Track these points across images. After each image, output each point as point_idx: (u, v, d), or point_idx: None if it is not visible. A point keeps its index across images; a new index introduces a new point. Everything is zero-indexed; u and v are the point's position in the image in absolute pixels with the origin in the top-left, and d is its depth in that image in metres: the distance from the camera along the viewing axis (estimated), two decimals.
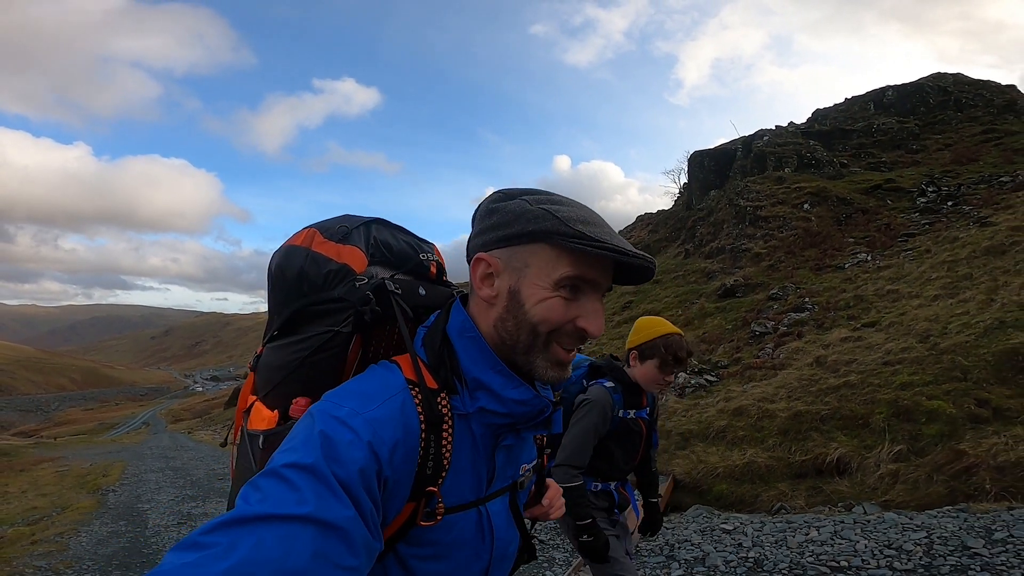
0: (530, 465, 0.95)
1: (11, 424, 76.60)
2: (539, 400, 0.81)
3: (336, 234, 0.94)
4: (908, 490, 4.32)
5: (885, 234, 16.15)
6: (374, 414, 0.72)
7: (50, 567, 5.18)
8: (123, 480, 11.46)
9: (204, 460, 15.46)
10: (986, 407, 4.99)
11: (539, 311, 0.77)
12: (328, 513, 0.61)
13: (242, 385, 1.05)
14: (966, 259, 10.40)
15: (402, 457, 0.72)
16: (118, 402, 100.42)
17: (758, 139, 27.29)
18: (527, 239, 0.77)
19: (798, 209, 19.40)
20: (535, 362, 0.79)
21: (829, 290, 11.88)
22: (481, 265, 0.81)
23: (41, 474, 15.59)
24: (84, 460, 18.32)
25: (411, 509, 0.75)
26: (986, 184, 18.30)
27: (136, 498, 8.92)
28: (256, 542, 0.57)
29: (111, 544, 5.95)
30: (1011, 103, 28.51)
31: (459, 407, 0.80)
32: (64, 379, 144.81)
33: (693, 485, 5.71)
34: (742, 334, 11.15)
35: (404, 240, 1.03)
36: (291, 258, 0.93)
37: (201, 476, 11.46)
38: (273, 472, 0.64)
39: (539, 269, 0.77)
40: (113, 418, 69.54)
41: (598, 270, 0.77)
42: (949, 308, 7.70)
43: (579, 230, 0.74)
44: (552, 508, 1.09)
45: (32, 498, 10.72)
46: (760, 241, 18.11)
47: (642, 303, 18.70)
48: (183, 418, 61.84)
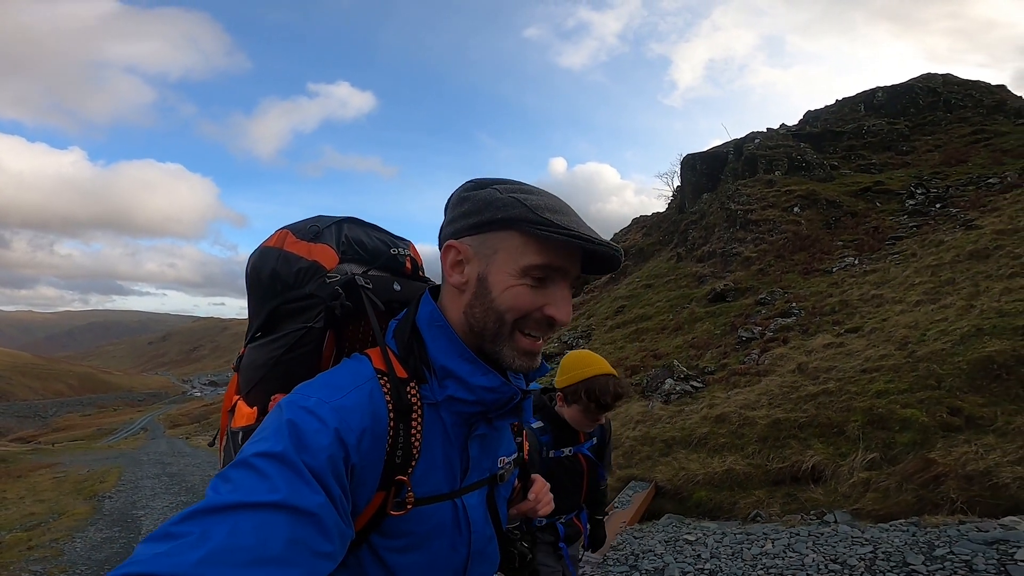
0: (510, 458, 0.95)
1: (9, 430, 76.34)
2: (508, 387, 0.81)
3: (307, 233, 0.97)
4: (878, 499, 4.44)
5: (873, 237, 16.29)
6: (341, 402, 0.73)
7: (45, 572, 5.32)
8: (119, 486, 11.55)
9: (200, 466, 15.55)
10: (959, 415, 5.11)
11: (506, 298, 0.78)
12: (300, 500, 0.61)
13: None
14: (950, 263, 10.54)
15: (370, 445, 0.73)
16: (116, 408, 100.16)
17: (749, 142, 27.46)
18: (496, 226, 0.78)
19: (788, 212, 19.51)
20: (502, 350, 0.80)
21: (816, 295, 12.02)
22: (451, 252, 0.82)
23: (39, 480, 15.65)
24: (82, 466, 18.38)
25: (381, 498, 0.76)
26: (974, 186, 18.43)
27: (131, 504, 9.03)
28: (230, 530, 0.57)
29: (104, 549, 6.10)
30: (1000, 103, 28.65)
31: (428, 396, 0.81)
32: (62, 385, 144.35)
33: (674, 492, 5.83)
34: (729, 339, 11.27)
35: (378, 237, 1.06)
36: (265, 259, 0.97)
37: (197, 482, 11.58)
38: (243, 462, 0.65)
39: (507, 256, 0.78)
40: (111, 424, 69.37)
41: (565, 258, 0.78)
42: (929, 314, 7.84)
43: (547, 217, 0.75)
44: (540, 503, 1.08)
45: (30, 504, 10.81)
46: (750, 245, 18.23)
47: (634, 307, 18.81)
48: (181, 423, 61.74)
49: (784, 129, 30.74)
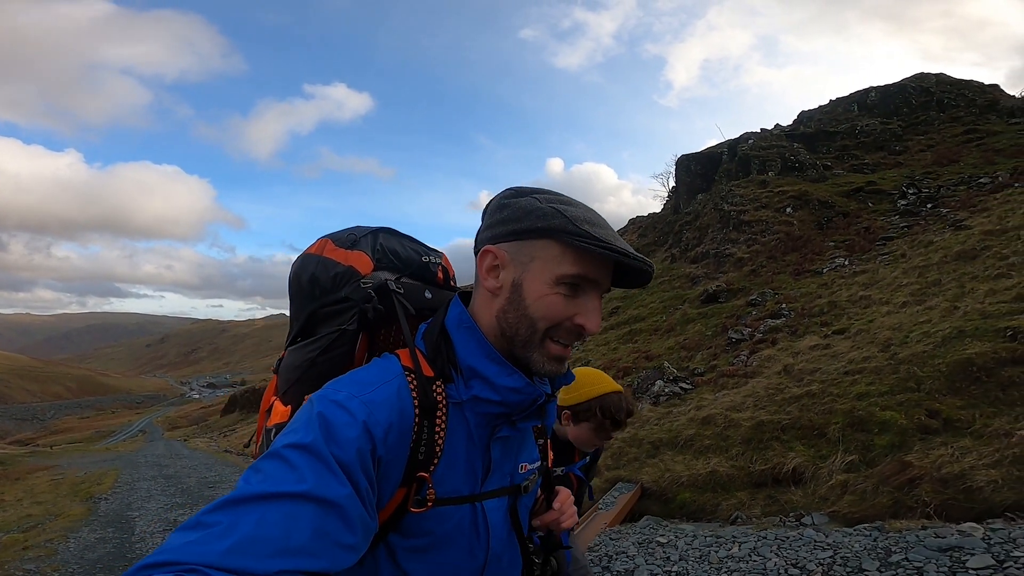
0: (533, 466, 0.96)
1: (7, 433, 76.24)
2: (533, 388, 0.83)
3: (345, 242, 1.03)
4: (855, 501, 4.52)
5: (864, 238, 16.36)
6: (371, 397, 0.75)
7: (38, 571, 5.42)
8: (115, 488, 11.62)
9: (197, 468, 15.62)
10: (937, 418, 5.19)
11: (540, 306, 0.79)
12: (326, 491, 0.63)
13: (265, 387, 1.12)
14: (937, 264, 10.63)
15: (396, 439, 0.75)
16: (114, 410, 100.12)
17: (743, 142, 27.53)
18: (535, 235, 0.80)
19: (780, 213, 19.55)
20: (532, 356, 0.81)
21: (806, 296, 12.10)
22: (488, 257, 0.84)
23: (36, 482, 15.69)
24: (79, 468, 18.41)
25: (403, 495, 0.77)
26: (965, 185, 18.48)
27: (127, 506, 9.11)
28: (258, 520, 0.59)
29: (97, 549, 6.20)
30: (993, 103, 28.73)
31: (454, 395, 0.83)
32: (60, 387, 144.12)
33: (659, 493, 5.91)
34: (720, 341, 11.35)
35: (411, 247, 1.10)
36: (305, 264, 1.03)
37: (192, 484, 11.65)
38: (273, 453, 0.67)
39: (544, 264, 0.79)
40: (109, 426, 69.36)
41: (599, 270, 0.80)
42: (914, 316, 7.92)
43: (585, 230, 0.77)
44: (564, 515, 1.07)
45: (27, 506, 10.88)
46: (743, 246, 18.28)
47: (628, 308, 18.89)
48: (180, 425, 61.78)
49: (778, 129, 30.84)
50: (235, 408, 59.13)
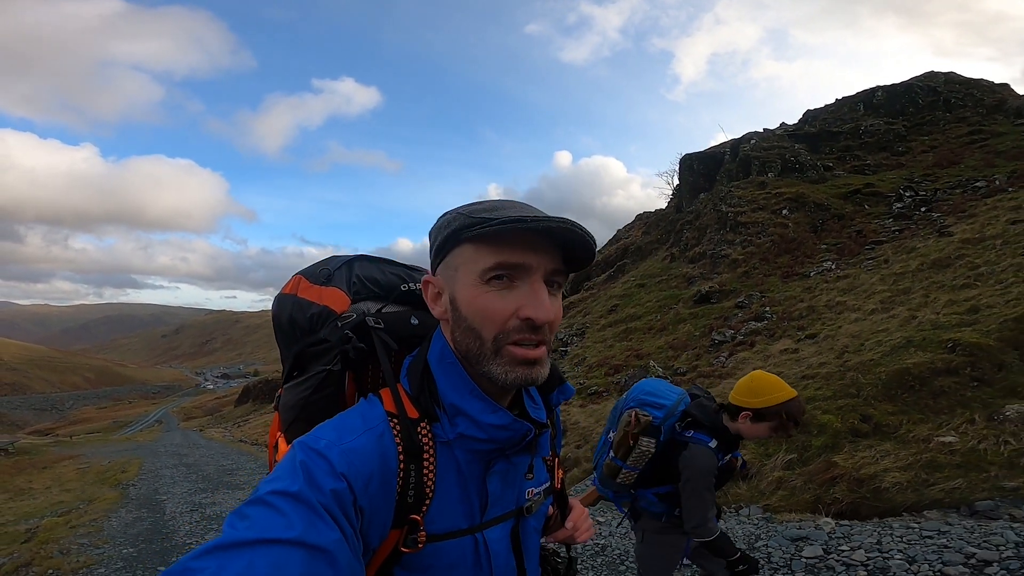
0: (539, 489, 0.93)
1: (26, 423, 78.55)
2: (519, 424, 0.80)
3: (319, 277, 1.02)
4: (786, 496, 5.17)
5: (855, 241, 16.59)
6: (350, 445, 0.74)
7: (91, 543, 6.33)
8: (141, 476, 12.57)
9: (214, 457, 16.56)
10: (869, 422, 5.80)
11: (474, 310, 0.76)
12: (316, 537, 0.63)
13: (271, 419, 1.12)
14: (913, 272, 11.09)
15: (378, 487, 0.74)
16: (131, 400, 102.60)
17: (745, 142, 27.74)
18: (449, 245, 0.78)
19: (777, 215, 19.74)
20: (491, 369, 0.77)
21: (789, 299, 12.60)
22: (429, 287, 0.84)
23: (63, 471, 16.72)
24: (102, 457, 19.47)
25: (396, 536, 0.76)
26: (961, 189, 18.38)
27: (154, 491, 10.03)
28: (246, 565, 0.58)
29: (137, 526, 7.14)
30: (1001, 103, 28.28)
31: (441, 434, 0.80)
32: (78, 378, 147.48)
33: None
34: (705, 342, 11.93)
35: (392, 272, 1.08)
36: (282, 306, 1.02)
37: (212, 471, 12.56)
38: (259, 500, 0.66)
39: (465, 269, 0.77)
40: (127, 416, 71.25)
41: (525, 253, 0.75)
42: (876, 324, 8.48)
43: (482, 217, 0.74)
44: (578, 531, 1.06)
45: (57, 493, 11.81)
46: (739, 247, 18.58)
47: (626, 307, 19.37)
48: (195, 415, 63.42)
49: (782, 129, 30.98)
50: (248, 399, 60.51)
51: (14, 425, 74.46)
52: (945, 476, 4.63)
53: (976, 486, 4.46)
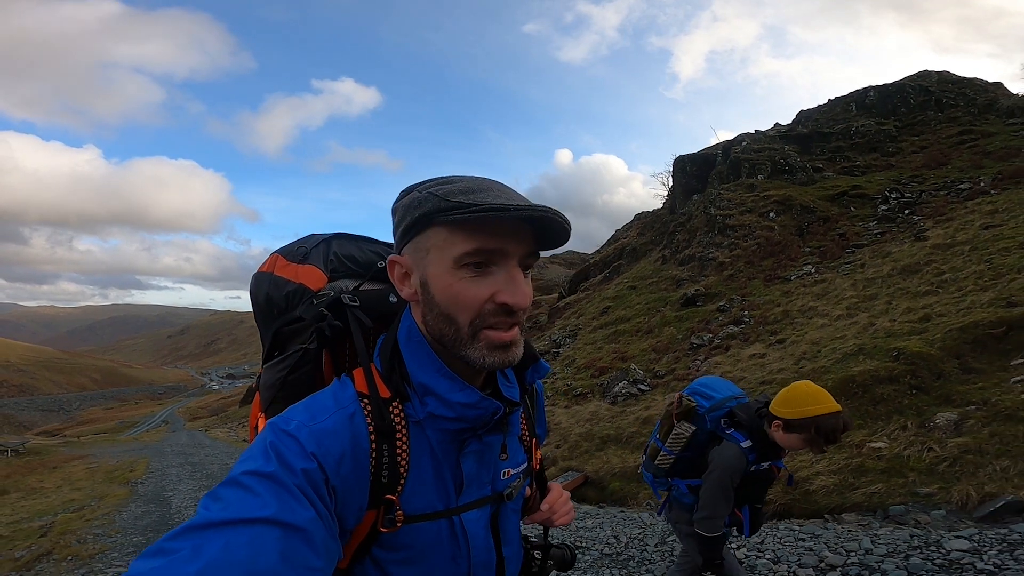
0: (517, 470, 0.93)
1: (34, 424, 79.45)
2: (488, 403, 0.80)
3: (296, 255, 1.02)
4: None
5: (838, 244, 16.78)
6: (321, 426, 0.74)
7: (105, 533, 7.05)
8: (148, 474, 13.22)
9: (219, 456, 17.19)
10: None
11: (448, 297, 0.75)
12: (291, 515, 0.63)
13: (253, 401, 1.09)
14: (883, 278, 11.48)
15: (351, 468, 0.74)
16: (137, 401, 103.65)
17: (737, 144, 27.98)
18: (420, 227, 0.76)
19: (764, 218, 19.98)
20: (468, 353, 0.76)
21: (767, 303, 13.01)
22: (395, 267, 0.81)
23: (72, 471, 17.30)
24: (111, 457, 20.08)
25: (372, 517, 0.77)
26: (946, 191, 18.50)
27: (161, 488, 10.69)
28: (223, 545, 0.58)
29: (145, 519, 7.84)
30: (992, 102, 28.45)
31: (412, 414, 0.80)
32: (84, 379, 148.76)
33: (598, 482, 7.14)
34: (685, 345, 12.41)
35: (371, 250, 1.08)
36: (260, 284, 1.02)
37: (216, 470, 13.22)
38: (232, 481, 0.66)
39: (438, 253, 0.75)
40: (133, 416, 72.06)
41: (500, 237, 0.74)
42: (837, 331, 8.96)
43: (458, 201, 0.72)
44: (555, 514, 1.06)
45: (68, 492, 12.41)
46: (726, 250, 18.84)
47: (617, 309, 19.76)
48: (200, 416, 64.11)
49: (774, 131, 31.18)
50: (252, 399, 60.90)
51: (22, 426, 75.47)
52: (869, 481, 5.10)
53: (894, 491, 4.88)
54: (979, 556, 3.54)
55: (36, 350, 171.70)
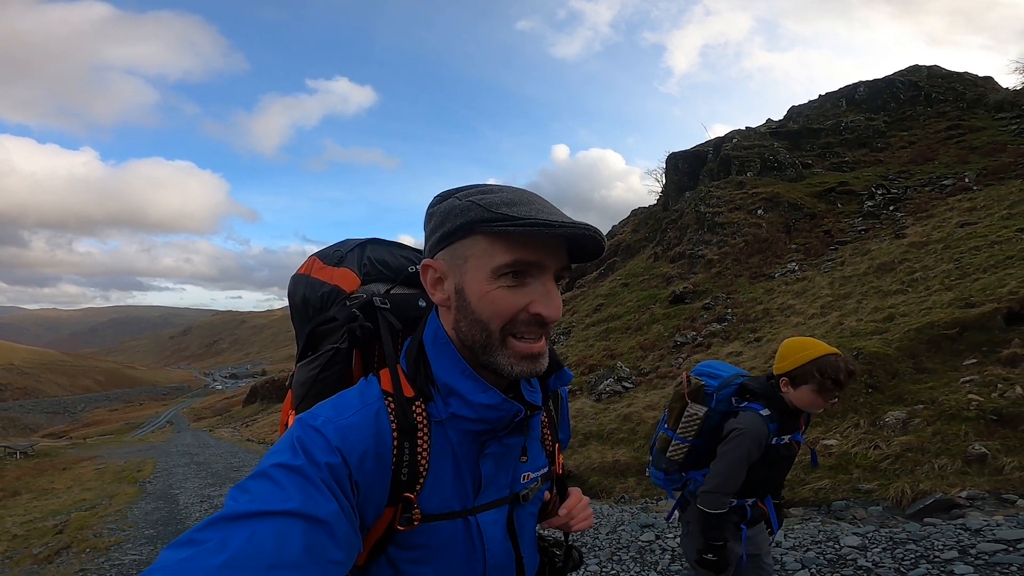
0: (536, 474, 0.94)
1: (39, 426, 79.95)
2: (509, 404, 0.81)
3: (332, 259, 1.08)
4: None
5: (822, 241, 17.04)
6: (346, 422, 0.76)
7: (119, 527, 7.58)
8: (156, 473, 13.73)
9: (223, 455, 17.67)
10: None
11: (485, 305, 0.77)
12: (315, 508, 0.65)
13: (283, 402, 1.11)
14: (859, 276, 11.86)
15: (373, 464, 0.76)
16: (142, 402, 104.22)
17: (727, 141, 28.10)
18: (460, 234, 0.77)
19: (752, 215, 20.21)
20: (497, 360, 0.78)
21: (750, 301, 13.38)
22: (428, 272, 0.83)
23: (82, 472, 17.77)
24: (118, 458, 20.56)
25: (391, 514, 0.79)
26: (931, 187, 18.62)
27: (169, 486, 11.20)
28: (249, 536, 0.60)
29: (155, 514, 8.39)
30: (981, 97, 28.40)
31: (435, 414, 0.82)
32: (88, 380, 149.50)
33: (578, 477, 7.60)
34: (669, 343, 12.84)
35: (402, 255, 1.12)
36: (296, 285, 1.08)
37: (220, 468, 13.71)
38: (260, 473, 0.69)
39: (477, 261, 0.77)
40: (138, 417, 72.62)
41: (539, 251, 0.76)
42: (809, 329, 9.39)
43: (502, 212, 0.74)
44: (573, 519, 1.05)
45: (78, 492, 12.90)
46: (714, 247, 19.10)
47: (609, 306, 20.07)
48: (204, 416, 64.74)
49: (765, 127, 31.37)
50: (256, 399, 61.65)
51: (28, 428, 76.07)
52: (817, 477, 5.52)
53: (839, 487, 5.26)
54: (864, 553, 3.79)
55: (39, 353, 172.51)
